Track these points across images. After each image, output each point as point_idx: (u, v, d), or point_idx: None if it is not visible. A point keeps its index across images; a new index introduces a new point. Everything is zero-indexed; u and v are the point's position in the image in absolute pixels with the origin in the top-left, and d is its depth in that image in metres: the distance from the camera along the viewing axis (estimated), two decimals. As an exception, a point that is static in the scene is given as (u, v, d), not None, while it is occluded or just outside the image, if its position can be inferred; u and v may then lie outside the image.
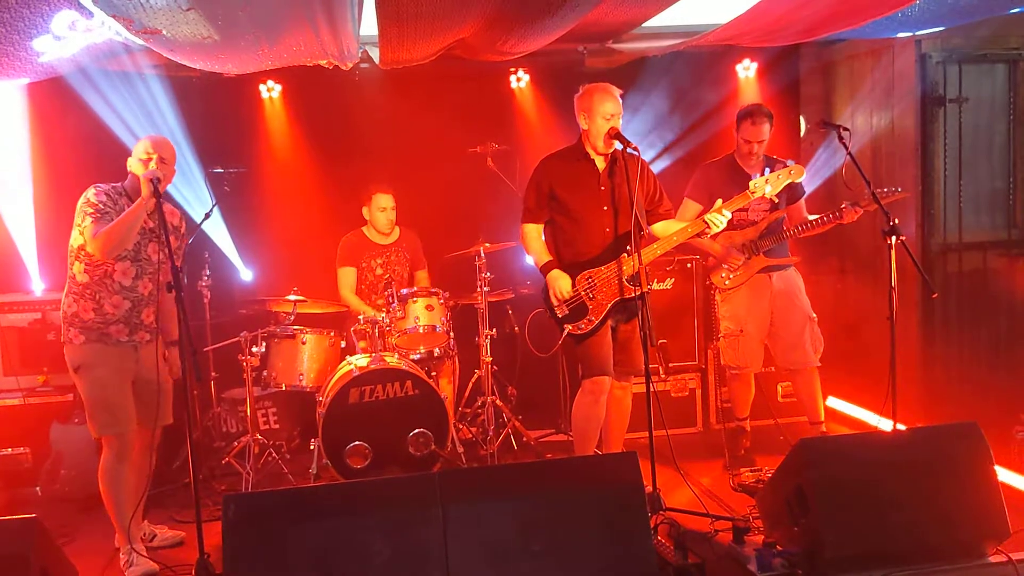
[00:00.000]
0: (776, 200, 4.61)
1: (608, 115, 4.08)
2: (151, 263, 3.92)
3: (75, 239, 3.82)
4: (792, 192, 4.72)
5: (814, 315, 4.84)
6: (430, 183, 5.73)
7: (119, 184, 3.91)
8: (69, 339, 3.83)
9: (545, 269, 4.20)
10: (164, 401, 3.96)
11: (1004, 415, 4.49)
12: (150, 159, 3.81)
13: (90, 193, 3.81)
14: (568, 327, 4.17)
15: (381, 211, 5.40)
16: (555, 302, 4.16)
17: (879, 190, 4.36)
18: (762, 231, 4.74)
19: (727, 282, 4.83)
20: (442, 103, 5.77)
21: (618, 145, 4.06)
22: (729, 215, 4.11)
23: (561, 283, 4.13)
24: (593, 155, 4.19)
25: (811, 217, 4.73)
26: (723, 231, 4.23)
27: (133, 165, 3.86)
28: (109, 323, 3.82)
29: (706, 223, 4.07)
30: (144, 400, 3.91)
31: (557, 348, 4.34)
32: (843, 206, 4.48)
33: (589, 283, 4.15)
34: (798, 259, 4.93)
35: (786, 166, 4.40)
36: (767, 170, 4.45)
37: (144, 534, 4.08)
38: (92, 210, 3.74)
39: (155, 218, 3.89)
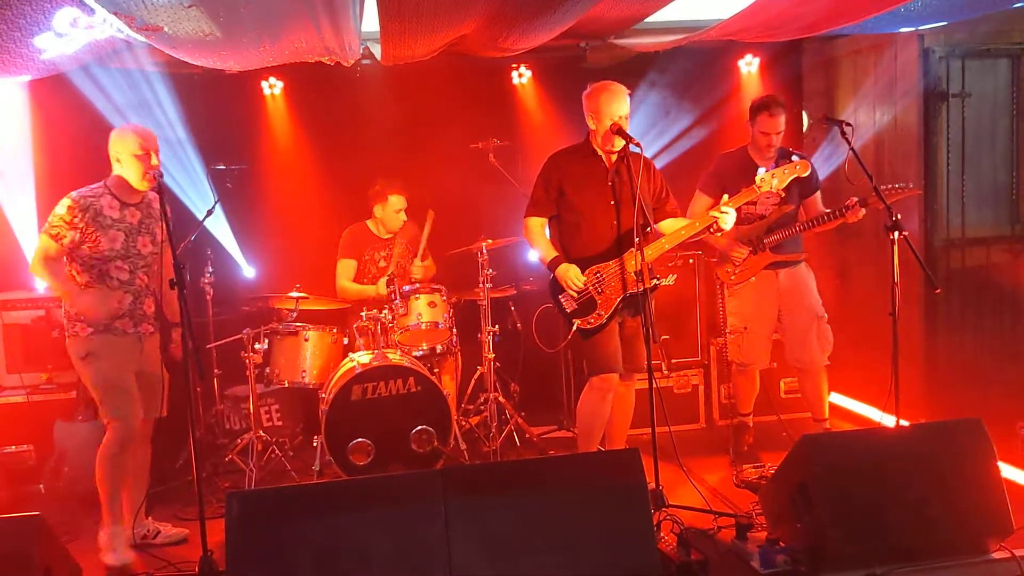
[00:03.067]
0: (783, 195, 4.51)
1: (616, 115, 4.06)
2: (142, 256, 3.92)
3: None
4: (805, 187, 4.64)
5: (824, 314, 4.79)
6: (432, 179, 5.72)
7: (101, 183, 3.85)
8: (75, 332, 3.83)
9: (553, 264, 4.19)
10: (162, 393, 4.00)
11: (1008, 411, 4.47)
12: (147, 154, 3.77)
13: (63, 207, 3.74)
14: (577, 322, 4.16)
15: (396, 213, 5.40)
16: (570, 294, 4.14)
17: (888, 187, 4.33)
18: (769, 225, 4.71)
19: (732, 277, 4.81)
20: (443, 99, 5.76)
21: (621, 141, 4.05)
22: (733, 211, 4.09)
23: (572, 274, 4.11)
24: (600, 152, 4.19)
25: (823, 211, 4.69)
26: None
27: (126, 160, 3.78)
28: (115, 318, 3.84)
29: (713, 219, 4.06)
30: (144, 392, 3.94)
31: (565, 344, 4.32)
32: (850, 204, 4.43)
33: (598, 278, 4.14)
34: (807, 255, 4.88)
35: (795, 159, 4.36)
36: (776, 164, 4.40)
37: (148, 531, 4.09)
38: (54, 230, 3.71)
39: (154, 214, 3.91)
